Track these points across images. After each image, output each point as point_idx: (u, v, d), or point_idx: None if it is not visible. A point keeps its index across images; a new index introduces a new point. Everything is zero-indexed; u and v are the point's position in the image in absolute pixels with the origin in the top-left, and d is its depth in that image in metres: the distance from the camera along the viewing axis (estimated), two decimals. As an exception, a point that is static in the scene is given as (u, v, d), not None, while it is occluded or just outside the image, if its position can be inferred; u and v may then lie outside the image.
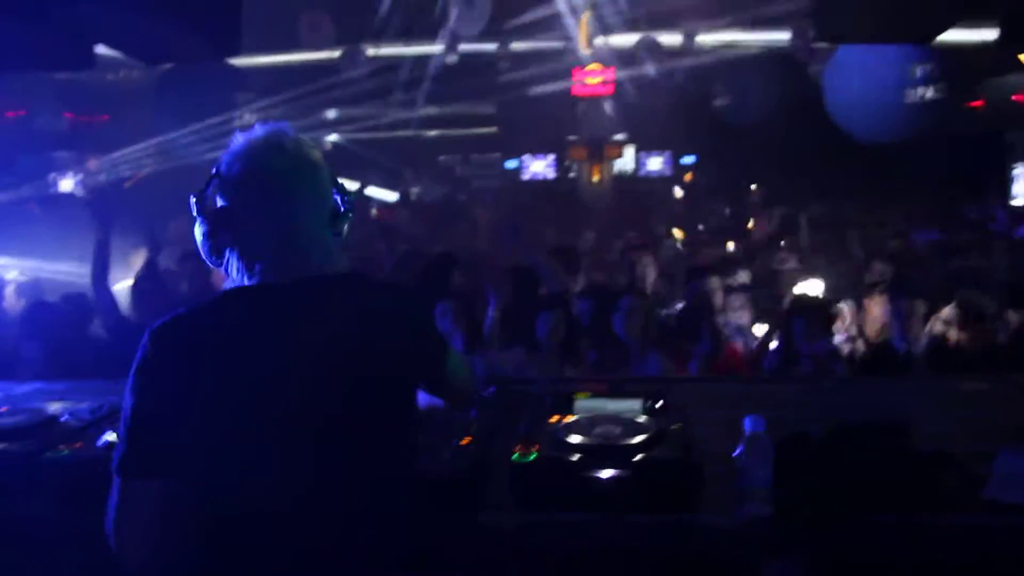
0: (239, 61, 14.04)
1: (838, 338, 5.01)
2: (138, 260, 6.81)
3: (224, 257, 1.94)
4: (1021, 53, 11.12)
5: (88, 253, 5.03)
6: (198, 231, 1.96)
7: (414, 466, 2.15)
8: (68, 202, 14.95)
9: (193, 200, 1.95)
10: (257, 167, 1.91)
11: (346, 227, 2.05)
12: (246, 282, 1.90)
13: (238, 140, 1.95)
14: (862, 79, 9.40)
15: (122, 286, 6.53)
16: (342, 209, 2.04)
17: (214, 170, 1.95)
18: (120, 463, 1.73)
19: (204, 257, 1.98)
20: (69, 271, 7.22)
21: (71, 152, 17.46)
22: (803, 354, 4.65)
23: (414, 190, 18.37)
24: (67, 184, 17.51)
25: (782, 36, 13.20)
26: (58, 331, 5.28)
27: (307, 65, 15.78)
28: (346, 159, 18.86)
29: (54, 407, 3.19)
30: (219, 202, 1.93)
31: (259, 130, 1.96)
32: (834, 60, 9.81)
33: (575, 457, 2.44)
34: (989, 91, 12.21)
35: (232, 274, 1.93)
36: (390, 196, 17.34)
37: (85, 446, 2.79)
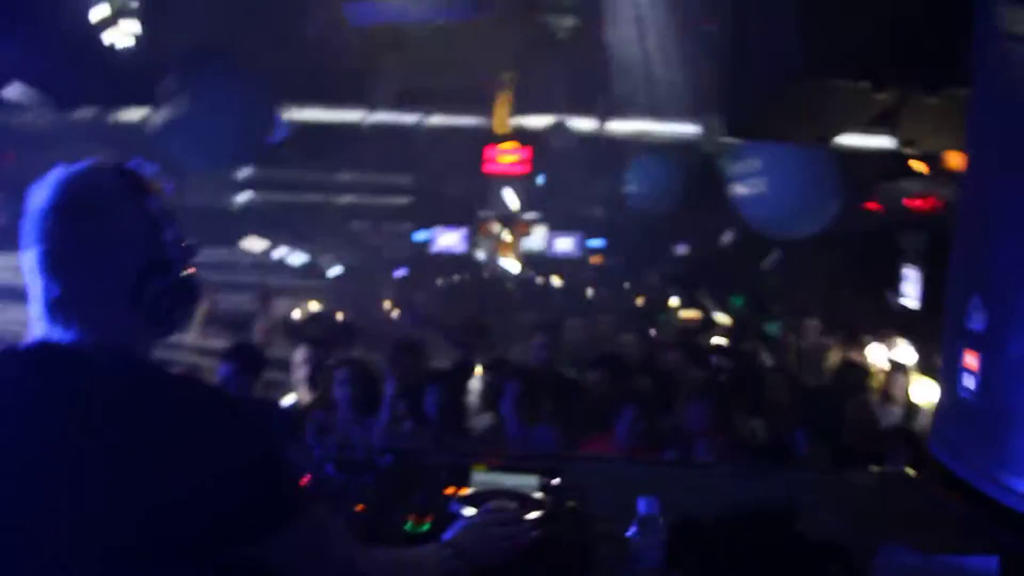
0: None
1: None
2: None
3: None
4: (913, 160, 11.64)
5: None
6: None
7: None
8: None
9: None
10: (42, 234, 1.67)
11: (165, 292, 1.72)
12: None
13: (39, 192, 1.71)
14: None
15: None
16: (157, 272, 1.71)
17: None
18: None
19: None
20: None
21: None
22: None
23: (327, 256, 18.24)
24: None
25: (692, 129, 13.62)
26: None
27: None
28: (256, 220, 18.69)
29: None
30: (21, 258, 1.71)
31: (58, 179, 1.71)
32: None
33: (468, 530, 2.41)
34: (883, 194, 12.72)
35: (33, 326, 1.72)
36: (299, 259, 17.18)
37: None
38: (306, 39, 13.36)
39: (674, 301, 13.27)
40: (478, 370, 6.02)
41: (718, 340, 9.46)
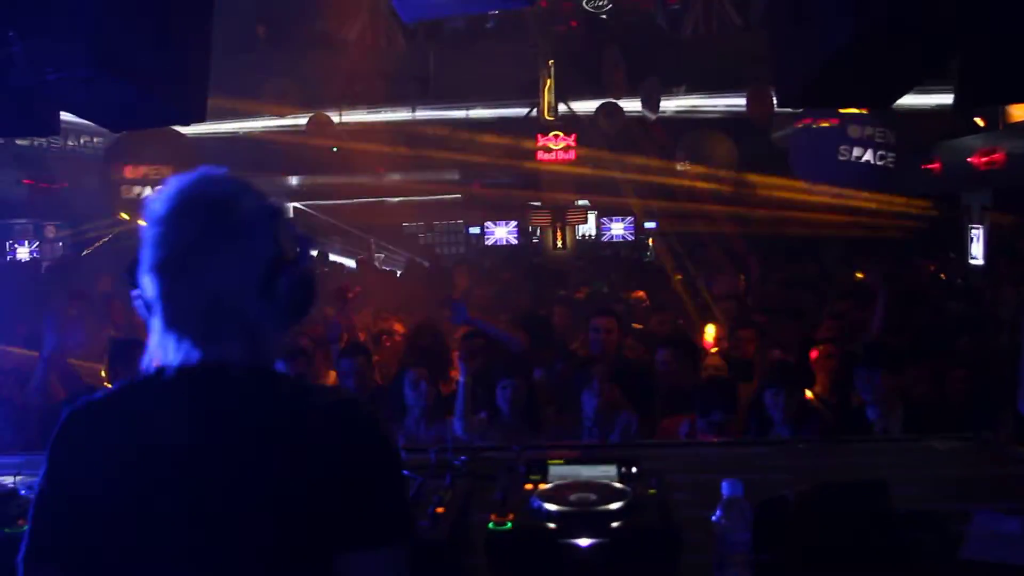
0: (205, 127, 14.12)
1: None
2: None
3: (150, 318, 1.73)
4: (976, 116, 11.40)
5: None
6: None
7: None
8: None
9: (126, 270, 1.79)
10: (169, 236, 1.68)
11: (293, 286, 1.73)
12: (168, 359, 1.69)
13: (157, 200, 1.71)
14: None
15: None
16: (286, 266, 1.73)
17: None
18: (24, 550, 1.66)
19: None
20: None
21: (29, 219, 17.37)
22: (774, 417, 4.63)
23: (379, 256, 18.34)
24: (24, 252, 17.38)
25: (742, 102, 13.46)
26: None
27: (272, 131, 15.87)
28: (308, 226, 18.86)
29: (11, 481, 3.08)
30: (141, 264, 1.72)
31: (174, 185, 1.72)
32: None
33: (551, 525, 2.39)
34: (944, 153, 12.47)
35: (153, 338, 1.72)
36: (350, 263, 17.29)
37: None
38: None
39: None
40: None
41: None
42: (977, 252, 13.05)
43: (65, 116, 3.56)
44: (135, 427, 1.65)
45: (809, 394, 5.15)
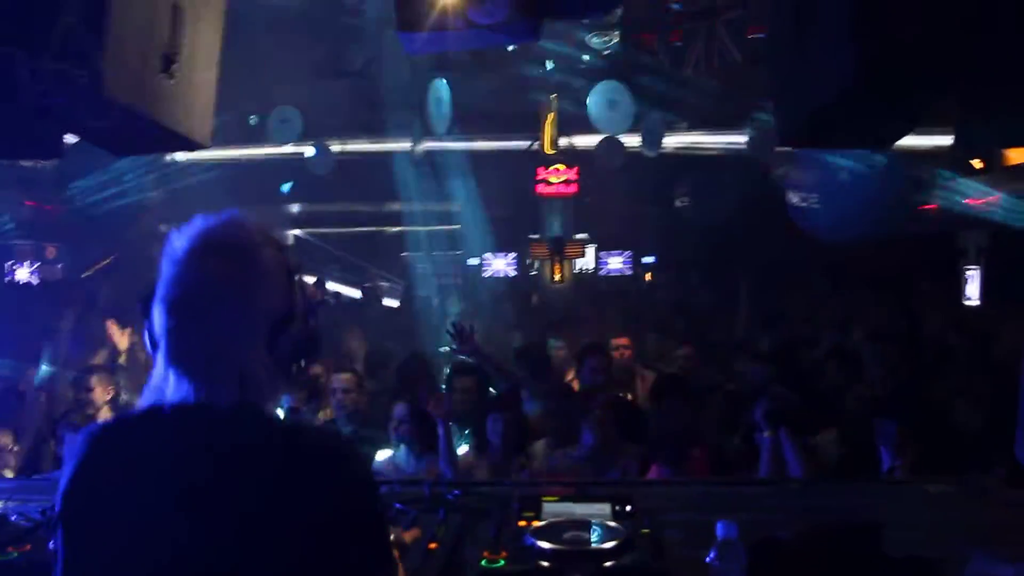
0: (207, 154, 14.17)
1: None
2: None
3: (154, 352, 1.75)
4: (973, 158, 11.45)
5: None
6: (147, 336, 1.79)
7: None
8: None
9: (141, 300, 1.79)
10: (179, 278, 1.70)
11: (295, 342, 1.77)
12: (162, 389, 1.70)
13: (180, 238, 1.74)
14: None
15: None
16: (292, 322, 1.76)
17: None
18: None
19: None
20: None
21: (30, 241, 17.38)
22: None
23: (383, 285, 18.33)
24: (23, 273, 17.38)
25: (742, 139, 13.52)
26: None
27: (273, 159, 15.93)
28: (307, 254, 18.90)
29: (2, 507, 3.07)
30: (155, 298, 1.74)
31: (196, 226, 1.75)
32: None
33: (545, 563, 2.38)
34: (942, 194, 12.52)
35: (155, 372, 1.73)
36: (351, 292, 17.27)
37: (35, 548, 2.68)
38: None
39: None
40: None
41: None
42: (972, 292, 13.08)
43: (69, 139, 3.58)
44: (129, 462, 1.67)
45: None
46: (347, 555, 1.62)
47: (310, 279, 16.45)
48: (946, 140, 10.90)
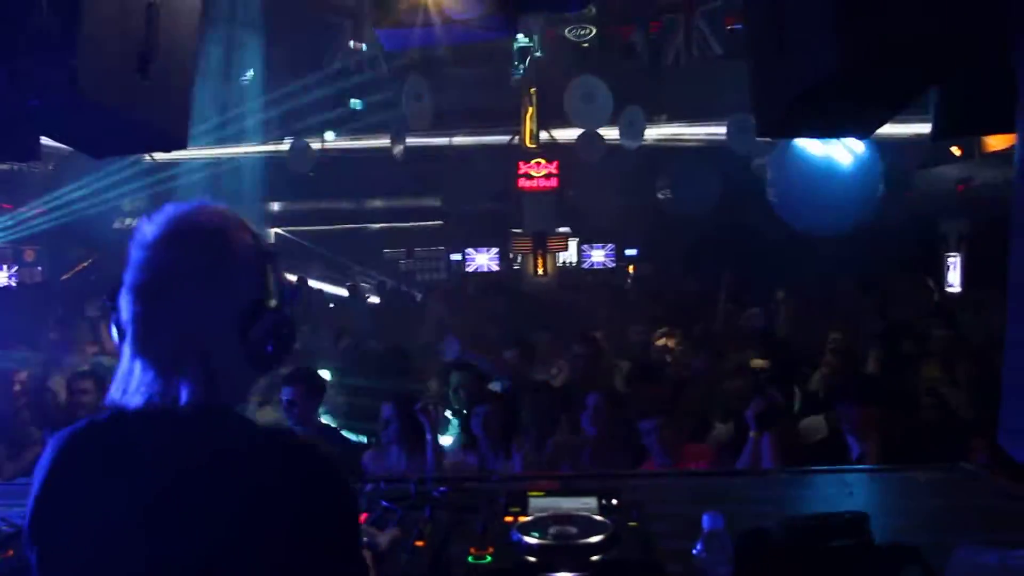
0: (187, 153, 14.11)
1: None
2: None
3: (120, 342, 1.68)
4: (953, 145, 11.51)
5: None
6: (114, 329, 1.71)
7: None
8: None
9: (107, 295, 1.71)
10: (148, 265, 1.63)
11: (270, 329, 1.68)
12: (132, 395, 1.62)
13: (144, 227, 1.67)
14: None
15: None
16: (266, 308, 1.68)
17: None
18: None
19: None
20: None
21: (8, 243, 17.27)
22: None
23: (365, 284, 18.28)
24: (2, 276, 17.27)
25: (723, 130, 13.54)
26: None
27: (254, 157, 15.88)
28: (289, 252, 18.86)
29: (-11, 511, 3.04)
30: (119, 300, 1.67)
31: (168, 212, 1.68)
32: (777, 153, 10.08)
33: (531, 558, 2.38)
34: (922, 182, 12.58)
35: (121, 363, 1.66)
36: (333, 289, 17.22)
37: (17, 555, 2.65)
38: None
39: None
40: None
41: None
42: (954, 279, 13.15)
43: (46, 141, 3.55)
44: (96, 469, 1.61)
45: None
46: (317, 561, 1.57)
47: (292, 277, 16.44)
48: (924, 128, 10.97)
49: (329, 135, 15.79)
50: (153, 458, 1.58)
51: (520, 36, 14.36)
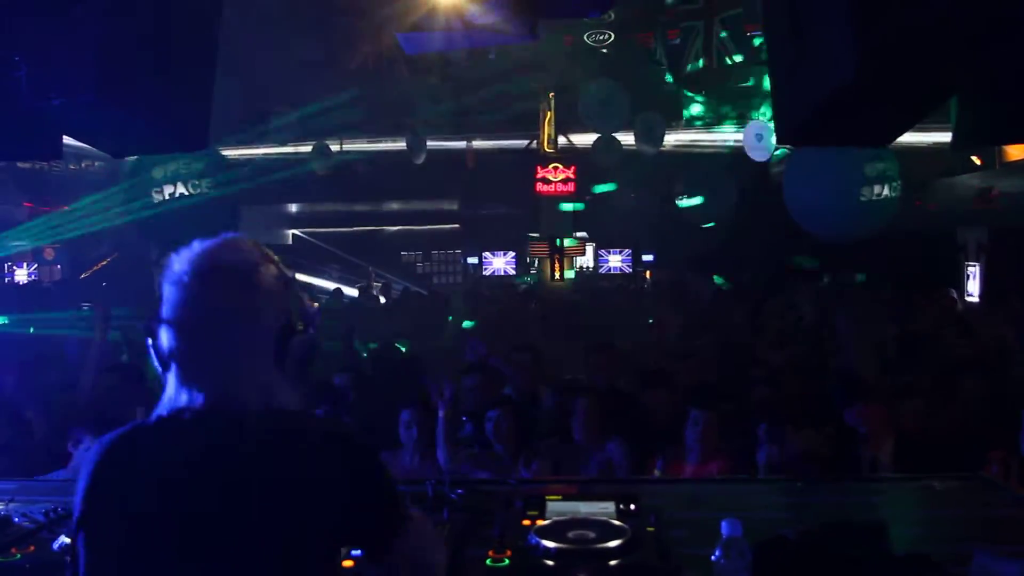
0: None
1: None
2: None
3: (164, 372, 1.87)
4: (973, 155, 11.45)
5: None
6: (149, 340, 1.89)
7: None
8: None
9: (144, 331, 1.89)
10: (192, 300, 1.82)
11: (301, 347, 1.92)
12: (177, 404, 1.82)
13: (181, 263, 1.85)
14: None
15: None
16: (294, 332, 1.90)
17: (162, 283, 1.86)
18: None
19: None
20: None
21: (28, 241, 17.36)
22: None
23: (376, 285, 18.31)
24: (21, 274, 17.38)
25: (741, 136, 13.49)
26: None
27: (272, 159, 15.91)
28: (306, 253, 18.91)
29: (4, 508, 3.06)
30: (162, 321, 1.84)
31: (197, 249, 1.87)
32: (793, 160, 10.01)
33: (549, 562, 2.38)
34: (941, 191, 12.51)
35: (167, 391, 1.85)
36: (350, 291, 17.26)
37: (39, 550, 2.67)
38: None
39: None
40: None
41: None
42: (973, 289, 13.07)
43: (67, 140, 3.57)
44: (156, 467, 1.77)
45: None
46: (365, 525, 1.86)
47: (307, 279, 16.50)
48: (944, 137, 10.91)
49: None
50: (214, 453, 1.77)
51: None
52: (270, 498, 1.74)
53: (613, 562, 2.36)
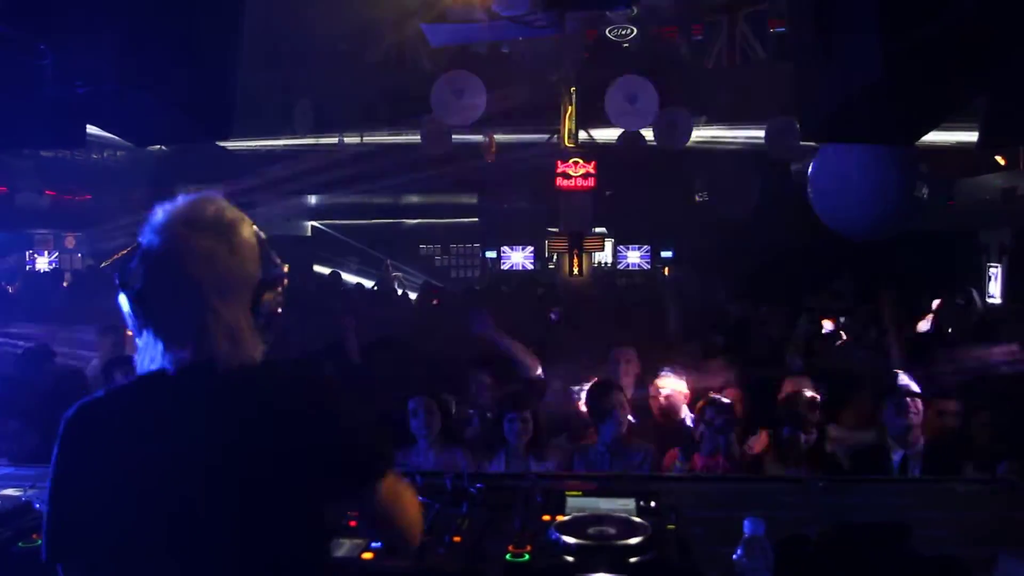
0: (230, 144, 14.20)
1: None
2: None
3: (142, 335, 1.88)
4: (998, 155, 11.35)
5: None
6: (124, 305, 1.89)
7: (320, 559, 1.98)
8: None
9: (117, 273, 1.90)
10: (170, 247, 1.84)
11: (273, 303, 1.95)
12: (155, 365, 1.84)
13: (158, 213, 1.88)
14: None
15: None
16: (269, 285, 1.94)
17: (137, 243, 1.90)
18: (45, 550, 1.79)
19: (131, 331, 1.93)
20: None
21: (51, 229, 17.47)
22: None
23: (397, 276, 18.32)
24: (43, 262, 17.47)
25: (762, 134, 13.42)
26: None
27: (293, 150, 15.93)
28: (325, 245, 18.94)
29: (26, 494, 3.07)
30: (138, 280, 1.86)
31: (180, 202, 1.90)
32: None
33: (570, 558, 2.36)
34: (963, 191, 12.41)
35: (145, 353, 1.87)
36: (366, 283, 17.27)
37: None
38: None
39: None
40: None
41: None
42: (995, 290, 12.97)
43: (90, 129, 3.57)
44: (139, 422, 1.81)
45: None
46: (341, 459, 1.90)
47: (325, 270, 16.50)
48: (968, 136, 10.81)
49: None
50: (204, 409, 1.81)
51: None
52: (250, 443, 1.80)
53: (633, 559, 2.34)
